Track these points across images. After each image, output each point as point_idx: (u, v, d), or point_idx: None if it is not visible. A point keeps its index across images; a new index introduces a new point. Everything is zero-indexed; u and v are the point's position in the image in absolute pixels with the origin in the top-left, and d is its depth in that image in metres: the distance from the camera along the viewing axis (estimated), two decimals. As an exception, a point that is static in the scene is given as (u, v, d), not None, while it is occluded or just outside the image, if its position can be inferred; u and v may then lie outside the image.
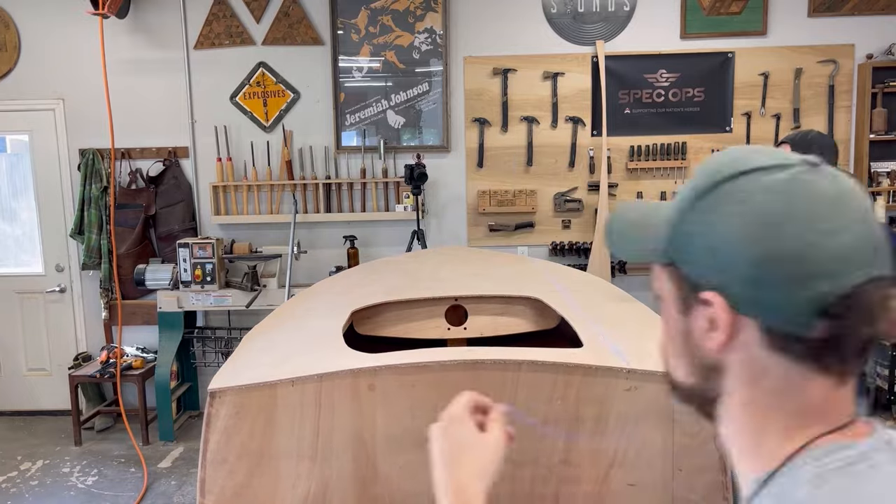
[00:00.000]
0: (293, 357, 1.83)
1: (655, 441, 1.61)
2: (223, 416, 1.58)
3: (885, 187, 4.60)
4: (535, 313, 2.43)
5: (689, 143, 4.69)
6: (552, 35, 4.71)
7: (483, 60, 4.71)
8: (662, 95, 4.70)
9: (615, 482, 1.63)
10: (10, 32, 4.73)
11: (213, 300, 4.47)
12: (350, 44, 4.70)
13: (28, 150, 4.88)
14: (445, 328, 2.41)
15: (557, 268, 3.10)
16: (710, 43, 4.67)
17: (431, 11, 4.66)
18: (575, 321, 2.06)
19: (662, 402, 1.60)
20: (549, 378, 1.61)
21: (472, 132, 4.77)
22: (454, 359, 1.64)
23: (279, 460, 1.60)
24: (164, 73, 4.76)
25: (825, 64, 4.62)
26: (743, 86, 4.66)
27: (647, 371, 1.61)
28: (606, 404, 1.61)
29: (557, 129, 4.74)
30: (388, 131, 4.77)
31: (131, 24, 4.73)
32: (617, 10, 4.67)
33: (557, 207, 4.79)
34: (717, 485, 1.62)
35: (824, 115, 4.66)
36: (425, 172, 4.44)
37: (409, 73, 4.72)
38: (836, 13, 4.59)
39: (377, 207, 4.80)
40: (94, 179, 4.73)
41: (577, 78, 4.69)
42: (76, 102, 4.79)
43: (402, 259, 3.39)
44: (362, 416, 1.61)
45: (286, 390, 1.60)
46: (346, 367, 1.63)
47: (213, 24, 4.70)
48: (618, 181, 4.74)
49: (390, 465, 1.63)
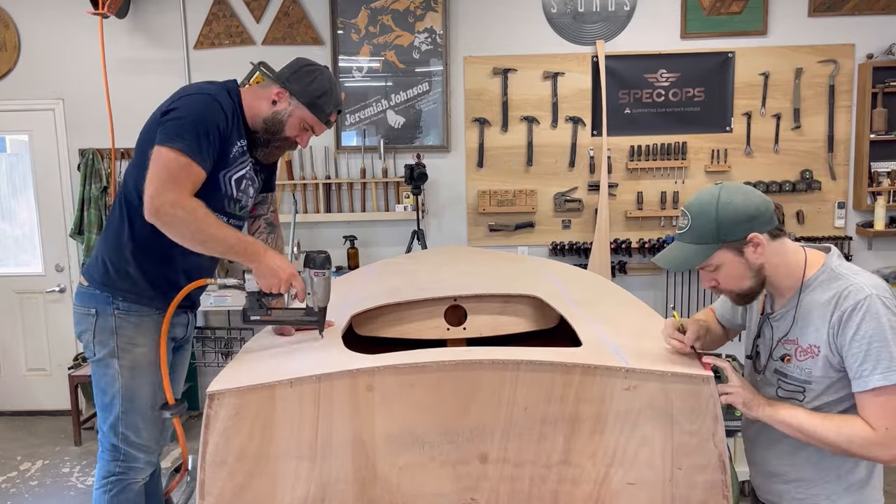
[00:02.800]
0: (291, 358, 1.83)
1: (655, 440, 1.61)
2: (222, 418, 1.58)
3: (885, 187, 4.60)
4: (534, 313, 2.43)
5: (689, 143, 4.69)
6: (552, 35, 4.70)
7: (483, 60, 4.70)
8: (662, 95, 4.69)
9: (615, 481, 1.63)
10: (10, 32, 4.73)
11: (212, 300, 4.46)
12: (350, 44, 4.70)
13: (28, 150, 4.88)
14: (445, 328, 2.41)
15: (557, 266, 3.10)
16: (710, 43, 4.66)
17: (431, 11, 4.66)
18: (574, 320, 2.06)
19: (662, 400, 1.60)
20: (549, 377, 1.61)
21: (472, 132, 4.76)
22: (453, 359, 1.64)
23: (278, 461, 1.60)
24: (164, 72, 4.75)
25: (825, 64, 4.61)
26: (743, 86, 4.66)
27: (646, 370, 1.61)
28: (605, 403, 1.61)
29: (557, 129, 4.74)
30: (388, 131, 4.77)
31: (131, 24, 4.73)
32: (617, 9, 4.67)
33: (557, 207, 4.79)
34: (717, 484, 1.62)
35: (824, 115, 4.65)
36: (425, 172, 4.44)
37: (409, 73, 4.72)
38: (836, 13, 4.59)
39: (377, 207, 4.80)
40: (94, 179, 4.73)
41: (578, 78, 4.69)
42: (76, 102, 4.78)
43: (401, 260, 3.39)
44: (361, 416, 1.61)
45: (285, 391, 1.59)
46: (344, 367, 1.63)
47: (213, 24, 4.70)
48: (618, 181, 4.73)
49: (389, 466, 1.63)
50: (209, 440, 1.58)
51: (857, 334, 1.52)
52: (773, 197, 3.64)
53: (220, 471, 1.59)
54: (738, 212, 1.59)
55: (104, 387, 2.18)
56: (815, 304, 1.61)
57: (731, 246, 1.60)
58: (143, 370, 2.18)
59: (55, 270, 4.92)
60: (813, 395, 1.63)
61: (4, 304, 4.95)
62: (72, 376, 4.49)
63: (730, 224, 1.59)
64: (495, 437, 1.63)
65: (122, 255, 2.14)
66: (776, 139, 4.67)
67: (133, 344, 2.16)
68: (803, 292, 1.63)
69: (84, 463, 4.22)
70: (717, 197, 1.62)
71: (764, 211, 1.60)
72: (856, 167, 4.67)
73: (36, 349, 4.98)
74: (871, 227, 4.59)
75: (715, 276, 1.66)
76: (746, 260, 1.61)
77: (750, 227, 1.59)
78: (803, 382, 1.64)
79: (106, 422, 2.20)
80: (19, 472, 4.12)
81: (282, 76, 2.16)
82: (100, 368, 2.18)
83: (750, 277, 1.63)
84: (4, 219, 5.03)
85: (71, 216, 4.82)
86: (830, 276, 1.61)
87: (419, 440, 1.62)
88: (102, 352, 2.15)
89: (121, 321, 2.14)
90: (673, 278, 4.76)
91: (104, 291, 2.14)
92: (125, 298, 2.14)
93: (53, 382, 4.96)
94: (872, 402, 1.51)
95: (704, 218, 1.61)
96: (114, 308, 2.13)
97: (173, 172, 1.92)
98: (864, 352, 1.51)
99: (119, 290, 2.14)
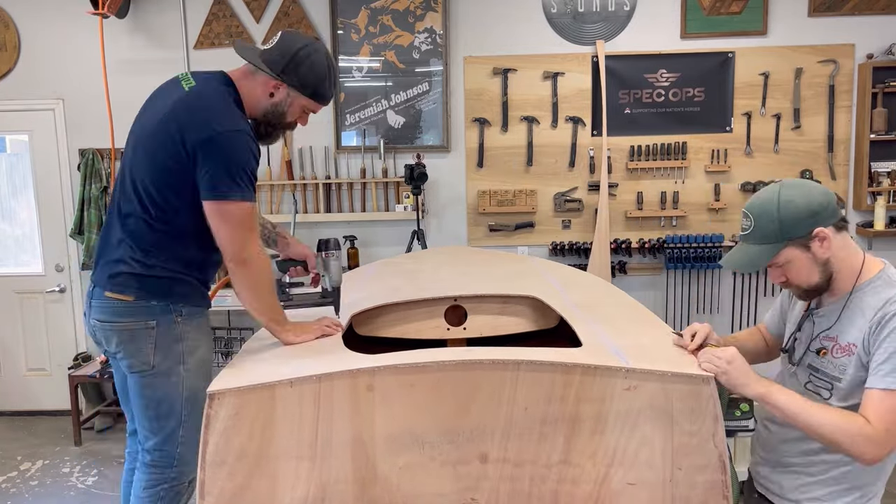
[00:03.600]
0: (292, 358, 1.83)
1: (655, 440, 1.61)
2: (222, 418, 1.58)
3: (885, 187, 4.60)
4: (534, 313, 2.43)
5: (689, 143, 4.69)
6: (552, 35, 4.70)
7: (483, 60, 4.70)
8: (662, 95, 4.69)
9: (615, 481, 1.63)
10: (9, 32, 4.73)
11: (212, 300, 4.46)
12: (350, 44, 4.70)
13: (28, 149, 4.88)
14: (445, 328, 2.41)
15: (557, 267, 3.10)
16: (710, 43, 4.66)
17: (431, 11, 4.66)
18: (574, 320, 2.06)
19: (662, 401, 1.60)
20: (548, 377, 1.61)
21: (472, 132, 4.76)
22: (453, 359, 1.64)
23: (278, 461, 1.60)
24: (164, 73, 4.66)
25: (825, 64, 4.61)
26: (743, 86, 4.66)
27: (647, 370, 1.61)
28: (606, 403, 1.61)
29: (557, 129, 4.74)
30: (388, 131, 4.77)
31: (131, 24, 4.73)
32: (617, 9, 4.67)
33: (557, 207, 4.79)
34: (717, 484, 1.62)
35: (824, 115, 4.65)
36: (425, 172, 4.44)
37: (409, 72, 4.72)
38: (836, 13, 4.59)
39: (377, 207, 4.80)
40: (94, 179, 4.73)
41: (577, 78, 4.69)
42: (76, 102, 4.78)
43: (401, 260, 3.39)
44: (361, 416, 1.61)
45: (285, 391, 1.59)
46: (344, 367, 1.63)
47: (213, 24, 4.70)
48: (618, 181, 4.73)
49: (390, 466, 1.63)
50: (209, 440, 1.58)
51: (890, 336, 1.55)
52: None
53: (220, 471, 1.59)
54: (799, 209, 1.61)
55: (162, 396, 2.12)
56: (864, 305, 1.63)
57: (796, 243, 1.63)
58: (205, 367, 2.20)
59: (55, 270, 4.92)
60: (840, 395, 1.65)
61: (4, 304, 4.95)
62: (72, 376, 4.49)
63: (793, 222, 1.61)
64: (495, 437, 1.63)
65: (168, 263, 2.09)
66: (776, 139, 4.67)
67: (198, 346, 2.16)
68: (856, 293, 1.65)
69: (84, 463, 4.22)
70: (777, 195, 1.64)
71: (826, 205, 1.62)
72: (856, 167, 4.67)
73: (36, 349, 4.97)
74: (871, 227, 4.59)
75: (784, 272, 1.68)
76: (813, 255, 1.63)
77: (814, 223, 1.61)
78: (833, 379, 1.65)
79: (163, 431, 2.14)
80: (19, 472, 4.12)
81: (275, 68, 2.07)
82: (159, 379, 2.11)
83: (818, 272, 1.65)
84: (4, 219, 5.03)
85: (71, 216, 4.82)
86: (886, 283, 1.63)
87: (419, 440, 1.62)
88: (166, 362, 2.10)
89: (185, 326, 2.12)
90: (673, 278, 4.76)
91: (162, 301, 2.09)
92: (186, 303, 2.13)
93: (53, 382, 4.95)
94: (881, 401, 1.53)
95: (767, 218, 1.64)
96: (175, 315, 2.10)
97: (247, 223, 1.98)
98: (889, 353, 1.54)
99: (178, 296, 2.11)
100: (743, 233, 1.70)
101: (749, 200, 1.71)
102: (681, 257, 4.67)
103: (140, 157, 2.09)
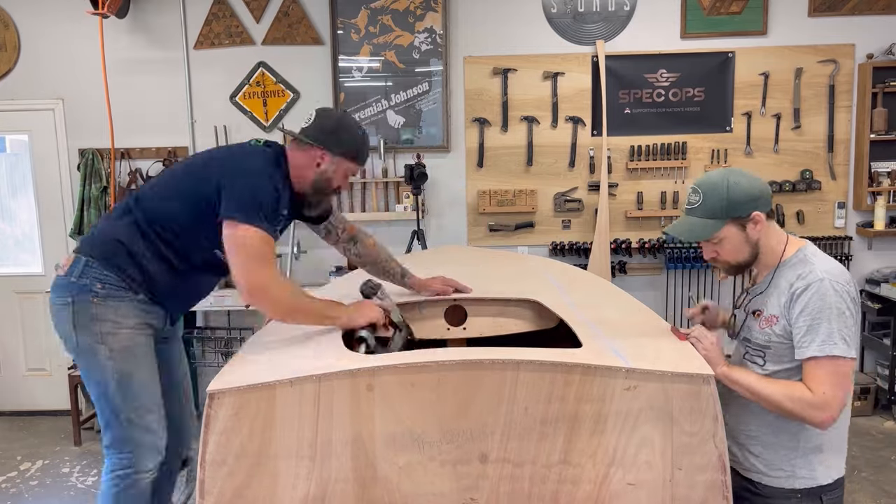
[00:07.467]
0: (292, 358, 1.83)
1: (655, 440, 1.61)
2: (222, 418, 1.58)
3: (885, 187, 4.60)
4: (534, 313, 2.43)
5: (689, 143, 4.69)
6: (552, 35, 4.70)
7: (483, 60, 4.70)
8: (662, 95, 4.69)
9: (615, 481, 1.63)
10: (9, 32, 4.72)
11: (212, 300, 4.46)
12: (350, 43, 4.70)
13: (28, 150, 4.87)
14: (445, 328, 2.42)
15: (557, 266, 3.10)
16: (710, 43, 4.66)
17: (431, 11, 4.66)
18: (573, 322, 2.06)
19: (662, 401, 1.60)
20: (548, 377, 1.61)
21: (472, 132, 4.76)
22: (453, 359, 1.64)
23: (278, 461, 1.60)
24: (163, 72, 4.75)
25: (825, 64, 4.61)
26: (743, 86, 4.66)
27: (647, 370, 1.61)
28: (606, 403, 1.61)
29: (557, 128, 4.74)
30: (388, 131, 4.77)
31: (131, 24, 4.72)
32: (617, 9, 4.67)
33: (557, 207, 4.79)
34: (717, 484, 1.62)
35: (824, 115, 4.65)
36: (425, 172, 4.44)
37: (409, 72, 4.72)
38: (836, 13, 4.59)
39: (377, 207, 4.79)
40: (94, 179, 4.73)
41: (577, 78, 4.69)
42: (76, 102, 4.78)
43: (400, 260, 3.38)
44: (361, 416, 1.61)
45: (285, 391, 1.59)
46: (344, 367, 1.63)
47: (213, 24, 4.70)
48: (618, 181, 4.73)
49: (390, 466, 1.63)
50: (209, 440, 1.58)
51: (804, 310, 1.72)
52: (774, 197, 3.64)
53: (220, 470, 1.59)
54: (745, 192, 1.80)
55: (93, 377, 2.23)
56: (782, 280, 1.83)
57: (736, 222, 1.81)
58: (134, 354, 2.26)
59: (55, 270, 4.91)
60: (771, 360, 1.82)
61: (4, 304, 4.95)
62: (72, 376, 4.49)
63: (737, 202, 1.79)
64: (495, 436, 1.63)
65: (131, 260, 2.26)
66: (776, 139, 4.67)
67: (118, 330, 2.23)
68: (779, 269, 1.85)
69: (84, 463, 4.22)
70: (726, 177, 1.83)
71: (766, 193, 1.84)
72: (856, 167, 4.67)
73: (36, 349, 4.97)
74: (871, 227, 4.59)
75: (717, 248, 1.86)
76: (747, 235, 1.82)
77: (754, 206, 1.80)
78: (763, 347, 1.83)
79: (104, 414, 2.23)
80: (19, 472, 4.12)
81: (318, 139, 2.23)
82: (84, 358, 2.24)
83: (747, 251, 1.85)
84: (4, 219, 5.03)
85: (71, 216, 4.81)
86: (801, 260, 1.82)
87: (419, 440, 1.62)
88: (86, 339, 2.21)
89: (101, 308, 2.22)
90: (673, 278, 4.76)
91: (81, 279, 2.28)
92: (105, 285, 2.23)
93: (53, 382, 4.95)
94: (812, 369, 1.70)
95: (716, 195, 1.81)
96: (91, 296, 2.22)
97: (258, 250, 2.02)
98: (807, 325, 1.71)
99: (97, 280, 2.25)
100: (690, 206, 1.87)
101: (699, 178, 1.89)
102: (681, 257, 4.68)
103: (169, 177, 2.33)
